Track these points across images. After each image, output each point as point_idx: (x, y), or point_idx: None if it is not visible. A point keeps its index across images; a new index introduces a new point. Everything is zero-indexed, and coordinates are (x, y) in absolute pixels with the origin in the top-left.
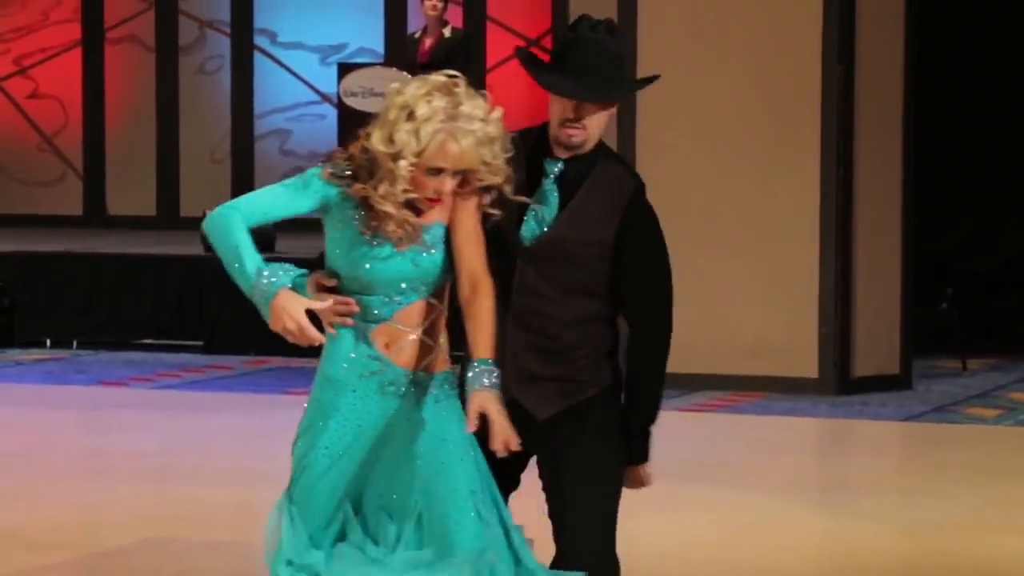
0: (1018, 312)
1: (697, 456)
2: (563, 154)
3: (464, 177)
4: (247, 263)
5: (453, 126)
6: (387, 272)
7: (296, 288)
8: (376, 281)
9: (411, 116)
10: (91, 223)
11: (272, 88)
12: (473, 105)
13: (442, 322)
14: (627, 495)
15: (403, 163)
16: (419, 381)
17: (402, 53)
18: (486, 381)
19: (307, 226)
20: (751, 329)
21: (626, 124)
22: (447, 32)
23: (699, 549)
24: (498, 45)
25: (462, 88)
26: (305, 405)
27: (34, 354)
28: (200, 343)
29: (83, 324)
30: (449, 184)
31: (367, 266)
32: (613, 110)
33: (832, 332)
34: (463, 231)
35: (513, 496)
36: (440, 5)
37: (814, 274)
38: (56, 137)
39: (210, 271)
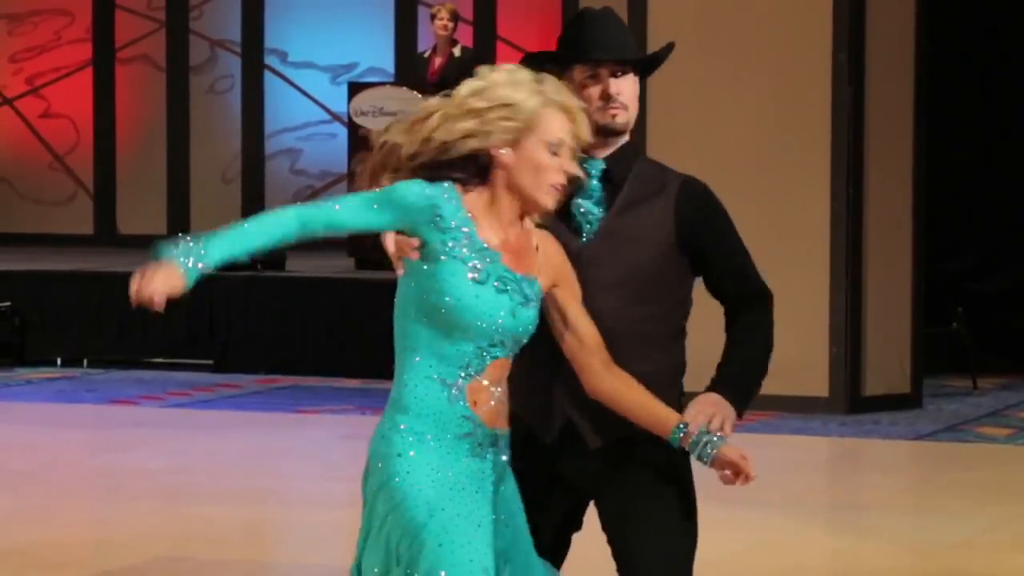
0: None
1: (708, 475)
2: (600, 152)
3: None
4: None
5: (552, 96)
6: (488, 315)
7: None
8: (474, 325)
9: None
10: (102, 242)
11: (282, 107)
12: (553, 79)
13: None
14: None
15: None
16: (496, 441)
17: (412, 72)
18: (715, 439)
19: (317, 248)
20: None
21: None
22: (457, 51)
23: (711, 568)
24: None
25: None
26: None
27: (45, 373)
28: (210, 362)
29: (94, 343)
30: (571, 164)
31: (469, 302)
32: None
33: (843, 351)
34: (575, 297)
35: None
36: (451, 24)
37: (825, 293)
38: (67, 156)
39: (221, 290)
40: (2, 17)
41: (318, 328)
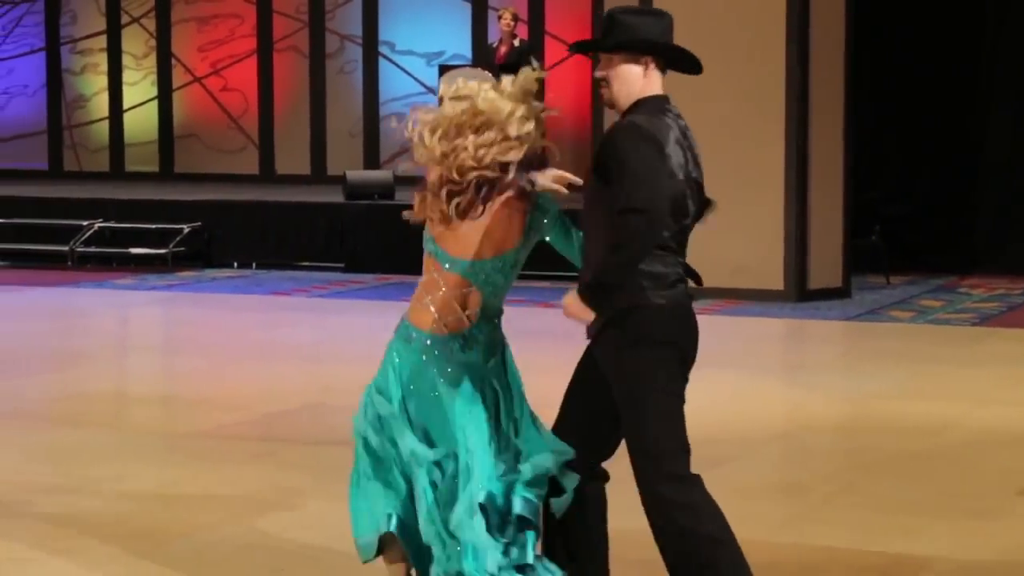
0: (927, 244)
1: (703, 349)
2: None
3: None
4: None
5: None
6: None
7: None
8: None
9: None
10: (264, 180)
11: (391, 83)
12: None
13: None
14: None
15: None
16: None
17: (484, 57)
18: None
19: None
20: (734, 255)
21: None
22: (517, 42)
23: (694, 414)
24: (554, 52)
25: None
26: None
27: (225, 272)
28: (342, 265)
29: (260, 251)
30: None
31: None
32: (633, 67)
33: (793, 256)
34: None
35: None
36: (512, 23)
37: (780, 215)
38: (240, 119)
39: (350, 215)
40: (194, 19)
41: (420, 240)
